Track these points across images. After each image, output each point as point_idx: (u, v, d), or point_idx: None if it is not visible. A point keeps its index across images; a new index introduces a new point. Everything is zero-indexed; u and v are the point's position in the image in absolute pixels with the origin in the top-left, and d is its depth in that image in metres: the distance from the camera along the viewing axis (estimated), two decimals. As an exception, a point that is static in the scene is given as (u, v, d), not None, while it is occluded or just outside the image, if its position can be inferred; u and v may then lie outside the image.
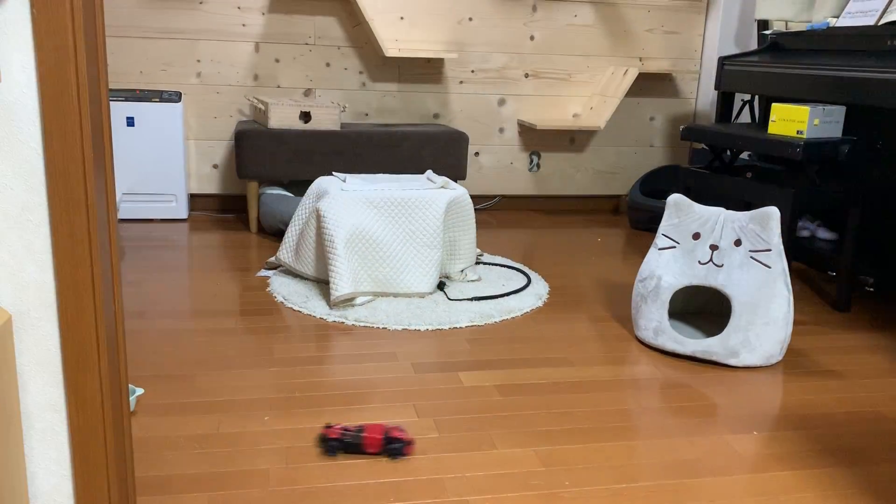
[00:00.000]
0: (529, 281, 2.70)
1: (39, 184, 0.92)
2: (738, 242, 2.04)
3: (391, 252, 2.47)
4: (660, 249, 2.16)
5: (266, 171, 3.16)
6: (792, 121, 2.44)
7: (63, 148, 0.91)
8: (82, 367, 0.98)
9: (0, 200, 0.91)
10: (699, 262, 2.08)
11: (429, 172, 2.86)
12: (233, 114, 3.51)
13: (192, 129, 3.50)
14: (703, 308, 2.38)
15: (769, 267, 2.01)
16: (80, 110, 0.90)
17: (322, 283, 2.56)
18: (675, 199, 2.14)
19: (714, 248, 2.06)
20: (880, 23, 2.57)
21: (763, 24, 3.28)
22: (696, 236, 2.10)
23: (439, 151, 3.30)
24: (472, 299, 2.48)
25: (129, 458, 1.16)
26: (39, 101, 0.89)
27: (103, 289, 0.98)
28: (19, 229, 0.92)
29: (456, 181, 3.40)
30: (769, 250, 2.01)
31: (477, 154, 3.79)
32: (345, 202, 2.48)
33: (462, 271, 2.69)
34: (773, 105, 2.53)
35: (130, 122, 3.23)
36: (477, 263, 2.88)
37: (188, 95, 3.45)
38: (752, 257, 2.02)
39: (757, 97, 3.32)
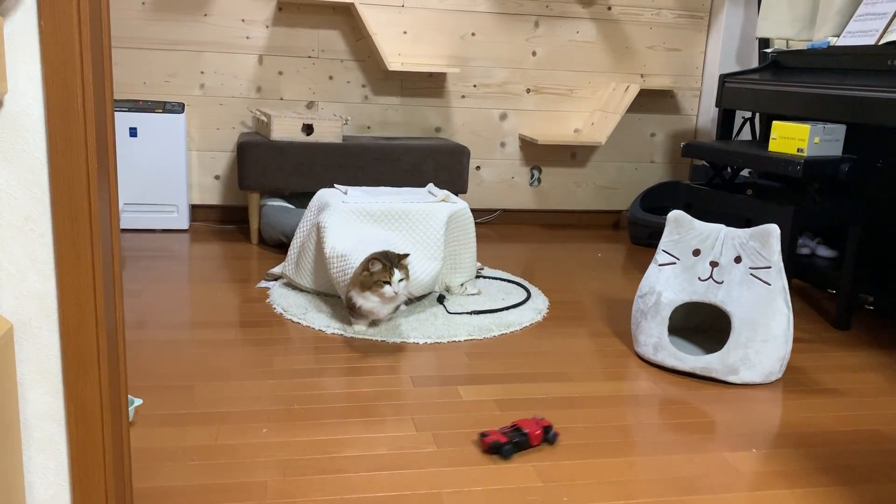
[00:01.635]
0: (529, 295, 2.70)
1: (43, 194, 0.92)
2: (738, 259, 2.05)
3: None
4: (660, 265, 2.16)
5: (268, 182, 3.17)
6: (792, 139, 2.45)
7: (68, 159, 0.91)
8: (82, 377, 0.98)
9: (4, 210, 0.91)
10: (699, 278, 2.08)
11: (430, 186, 2.86)
12: (235, 125, 3.53)
13: (194, 140, 3.51)
14: (703, 324, 2.38)
15: (769, 284, 2.01)
16: (86, 122, 0.90)
17: (321, 296, 2.56)
18: (676, 216, 2.15)
19: (714, 264, 2.07)
20: (880, 42, 2.59)
21: (764, 43, 3.30)
22: (697, 253, 2.10)
23: (440, 165, 3.31)
24: (471, 313, 2.48)
25: (128, 469, 1.15)
26: (45, 113, 0.89)
27: (105, 299, 0.98)
28: (23, 239, 0.93)
29: (457, 195, 3.41)
30: (769, 267, 2.01)
31: (478, 168, 3.81)
32: (345, 215, 2.49)
33: (462, 285, 2.69)
34: (774, 123, 2.54)
35: (133, 132, 3.25)
36: (477, 277, 2.89)
37: (191, 107, 3.47)
38: (752, 274, 2.02)
39: (758, 115, 3.34)
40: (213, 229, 3.49)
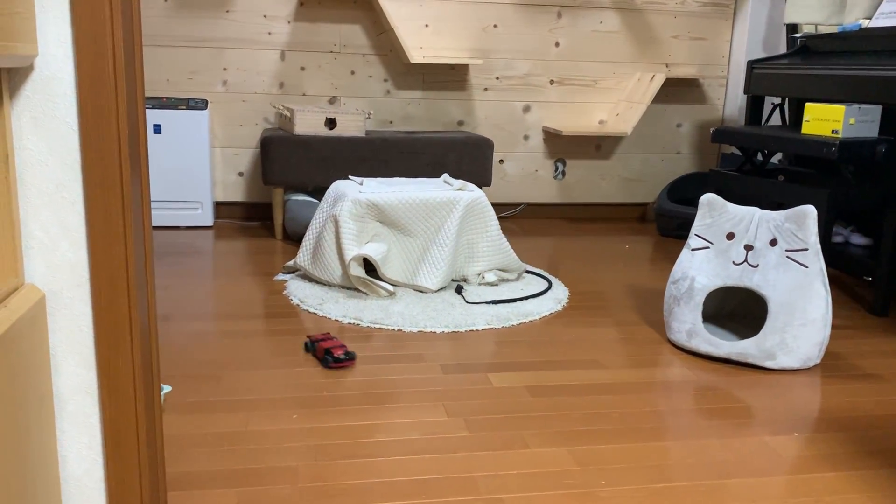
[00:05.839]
0: (550, 285, 2.66)
1: (75, 161, 0.90)
2: (773, 242, 2.00)
3: (406, 249, 2.50)
4: (693, 250, 2.11)
5: (291, 177, 3.16)
6: (827, 120, 2.39)
7: (98, 124, 0.90)
8: (115, 348, 0.96)
9: (35, 177, 0.90)
10: (733, 262, 2.04)
11: (445, 176, 2.83)
12: (258, 122, 3.52)
13: (217, 137, 3.51)
14: (737, 310, 2.33)
15: (806, 266, 1.96)
16: (116, 85, 0.89)
17: (336, 288, 2.54)
18: (709, 199, 2.10)
19: (749, 248, 2.02)
20: (915, 22, 2.52)
21: (792, 28, 3.24)
22: (731, 236, 2.06)
23: (463, 158, 3.28)
24: (490, 302, 2.44)
25: (160, 448, 1.14)
26: (76, 76, 0.88)
27: (136, 270, 0.96)
28: (54, 206, 0.91)
29: (480, 188, 3.38)
30: (806, 249, 1.96)
31: (501, 161, 3.77)
32: (360, 209, 2.47)
33: (480, 274, 2.65)
34: (807, 105, 2.48)
35: (157, 129, 3.25)
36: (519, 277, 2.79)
37: (214, 103, 3.47)
38: (788, 257, 1.97)
39: (787, 101, 3.28)
40: (237, 226, 3.49)
